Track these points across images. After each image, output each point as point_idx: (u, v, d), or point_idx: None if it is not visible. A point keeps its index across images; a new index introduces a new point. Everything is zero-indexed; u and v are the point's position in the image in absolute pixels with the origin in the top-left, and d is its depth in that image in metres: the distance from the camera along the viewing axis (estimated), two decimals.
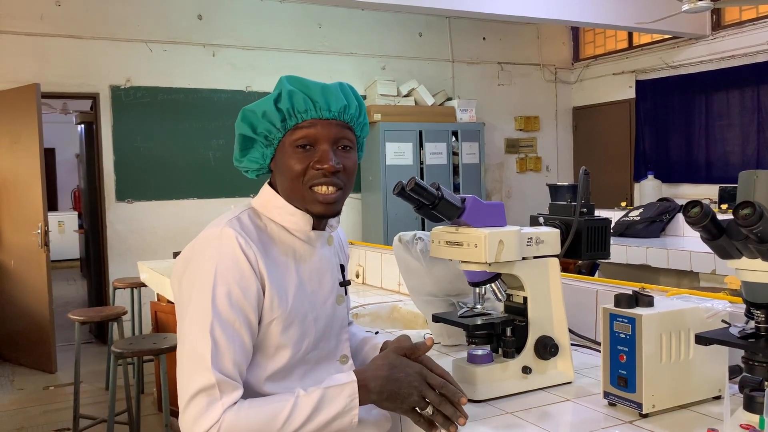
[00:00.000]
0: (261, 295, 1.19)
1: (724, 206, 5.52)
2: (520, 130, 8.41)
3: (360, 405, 1.17)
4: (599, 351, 1.41)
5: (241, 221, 1.24)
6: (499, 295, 1.56)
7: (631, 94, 7.99)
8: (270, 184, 1.33)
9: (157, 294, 4.09)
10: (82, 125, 6.59)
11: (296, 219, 1.28)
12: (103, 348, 5.58)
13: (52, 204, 10.83)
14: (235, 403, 1.12)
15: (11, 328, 5.58)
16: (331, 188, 1.24)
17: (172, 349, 3.09)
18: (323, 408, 1.14)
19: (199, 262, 1.19)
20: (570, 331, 1.60)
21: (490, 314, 1.58)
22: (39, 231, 5.19)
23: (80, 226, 9.23)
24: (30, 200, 5.28)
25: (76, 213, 10.50)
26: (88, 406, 4.33)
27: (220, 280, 1.15)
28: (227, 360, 1.14)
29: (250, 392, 1.20)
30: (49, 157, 10.58)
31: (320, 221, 1.31)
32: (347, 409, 1.15)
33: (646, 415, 1.30)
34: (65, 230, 10.82)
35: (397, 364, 1.22)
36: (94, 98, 6.07)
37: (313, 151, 1.24)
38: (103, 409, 4.11)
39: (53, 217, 9.08)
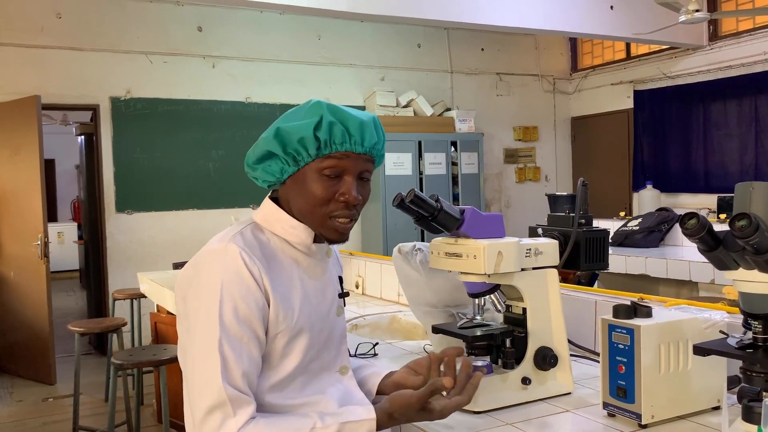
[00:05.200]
0: (266, 309, 1.20)
1: (722, 216, 5.53)
2: (519, 140, 8.44)
3: None
4: (598, 361, 1.41)
5: (244, 236, 1.24)
6: (498, 306, 1.57)
7: (629, 104, 8.02)
8: (271, 197, 1.34)
9: (157, 305, 4.09)
10: (82, 136, 6.60)
11: (298, 232, 1.29)
12: (102, 359, 5.57)
13: (51, 215, 10.83)
14: (252, 418, 1.14)
15: (10, 340, 5.57)
16: (347, 219, 1.26)
17: (172, 361, 3.09)
18: None
19: (204, 277, 1.19)
20: (569, 341, 1.61)
21: (489, 325, 1.58)
22: (39, 242, 5.20)
23: (80, 237, 9.23)
24: (30, 211, 5.29)
25: (76, 224, 10.50)
26: (88, 418, 4.31)
27: (226, 296, 1.16)
28: (236, 375, 1.14)
29: None
30: (49, 168, 10.57)
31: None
32: None
33: (645, 426, 1.31)
34: (65, 241, 10.81)
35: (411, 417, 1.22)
36: (94, 109, 6.08)
37: (339, 181, 1.25)
38: (102, 421, 4.10)
39: (53, 228, 9.08)
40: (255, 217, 1.32)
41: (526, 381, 1.50)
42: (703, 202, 6.89)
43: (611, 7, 6.57)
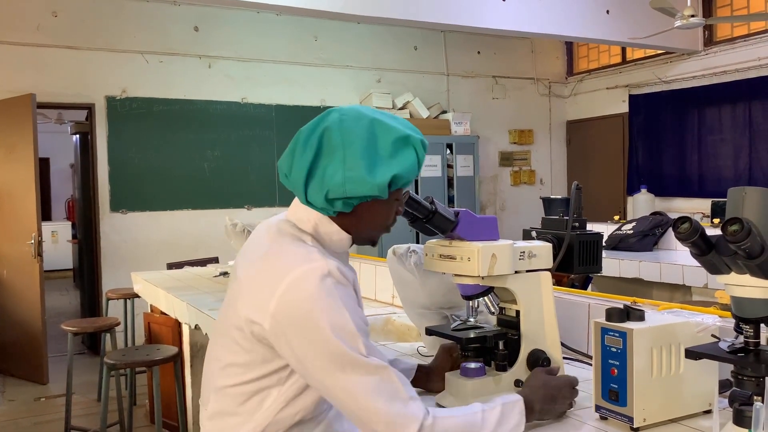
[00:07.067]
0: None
1: (716, 220, 5.56)
2: (515, 143, 8.45)
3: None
4: (591, 365, 1.42)
5: (319, 250, 1.27)
6: (491, 308, 1.57)
7: (624, 108, 8.05)
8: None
9: (151, 305, 4.08)
10: (77, 135, 6.58)
11: (345, 242, 1.35)
12: (95, 359, 5.56)
13: (45, 214, 10.76)
14: (427, 413, 1.21)
15: (3, 339, 5.55)
16: None
17: (165, 361, 3.09)
18: (504, 422, 1.27)
19: (321, 296, 1.19)
20: (562, 344, 1.61)
21: (482, 327, 1.58)
22: (32, 241, 5.18)
23: (74, 236, 9.19)
24: (24, 210, 5.27)
25: (70, 223, 10.46)
26: (80, 418, 4.30)
27: (352, 316, 1.21)
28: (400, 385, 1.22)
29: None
30: (43, 166, 10.54)
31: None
32: (518, 423, 1.28)
33: (637, 429, 1.31)
34: (59, 240, 10.77)
35: (549, 382, 1.40)
36: (89, 108, 6.07)
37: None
38: (95, 421, 4.09)
39: (47, 227, 9.06)
40: (306, 228, 1.31)
41: (518, 383, 1.50)
42: (697, 207, 6.92)
43: (607, 12, 6.59)
